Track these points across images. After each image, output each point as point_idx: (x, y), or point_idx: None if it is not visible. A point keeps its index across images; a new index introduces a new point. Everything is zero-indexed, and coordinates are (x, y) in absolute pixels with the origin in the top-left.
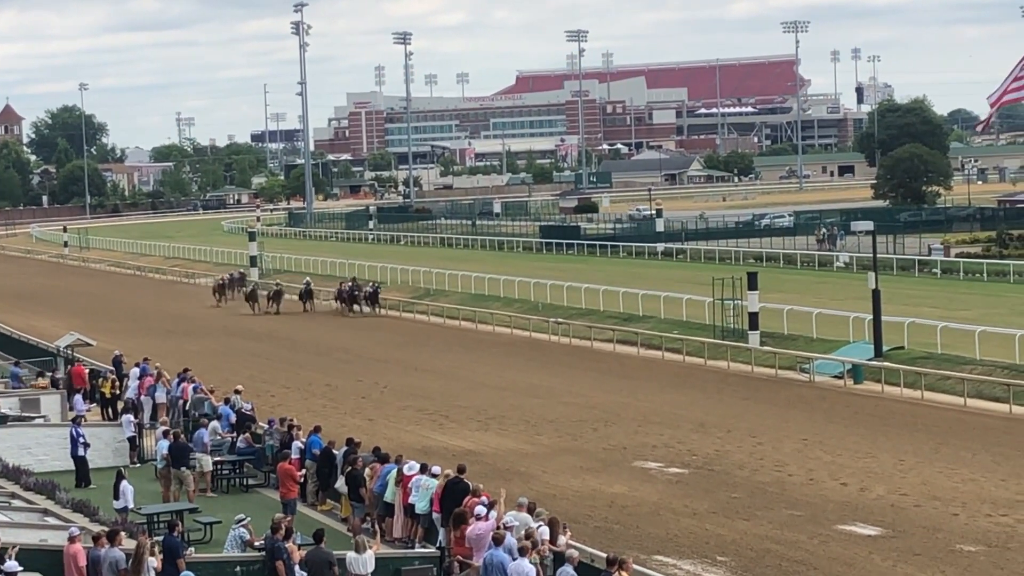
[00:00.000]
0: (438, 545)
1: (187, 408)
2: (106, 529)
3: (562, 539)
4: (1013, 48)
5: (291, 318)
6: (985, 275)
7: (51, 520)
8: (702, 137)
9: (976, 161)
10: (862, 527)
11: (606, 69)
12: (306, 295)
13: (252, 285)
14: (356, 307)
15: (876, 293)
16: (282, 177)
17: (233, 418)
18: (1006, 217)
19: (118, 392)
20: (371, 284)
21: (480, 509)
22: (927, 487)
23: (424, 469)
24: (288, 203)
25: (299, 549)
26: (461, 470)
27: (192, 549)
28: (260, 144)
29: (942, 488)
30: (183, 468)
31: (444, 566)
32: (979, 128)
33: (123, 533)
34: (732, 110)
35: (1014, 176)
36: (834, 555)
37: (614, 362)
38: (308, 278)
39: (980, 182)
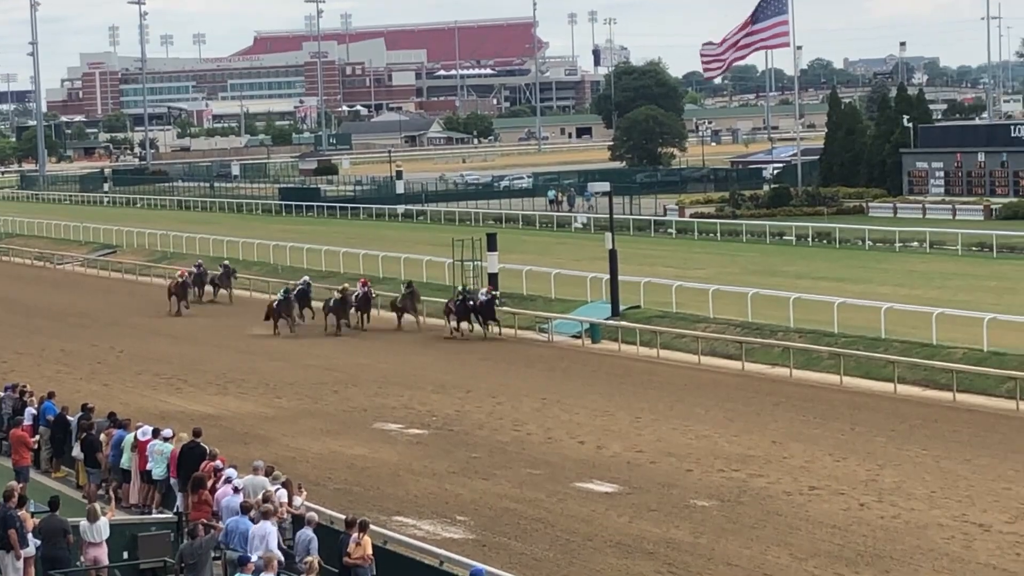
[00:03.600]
0: (175, 510)
1: None
2: None
3: (298, 500)
4: (747, 10)
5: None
6: (719, 235)
7: None
8: (442, 99)
9: (710, 123)
10: (599, 484)
11: (345, 30)
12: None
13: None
14: (467, 325)
15: (613, 253)
16: (13, 139)
17: None
18: (739, 178)
19: None
20: (485, 292)
21: (231, 472)
22: (662, 444)
23: (156, 433)
24: (20, 166)
25: (32, 517)
26: (197, 434)
27: None
28: None
29: (677, 444)
30: None
31: (188, 529)
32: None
33: None
34: (471, 72)
35: (746, 138)
36: (572, 512)
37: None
38: (349, 284)
39: (714, 143)
